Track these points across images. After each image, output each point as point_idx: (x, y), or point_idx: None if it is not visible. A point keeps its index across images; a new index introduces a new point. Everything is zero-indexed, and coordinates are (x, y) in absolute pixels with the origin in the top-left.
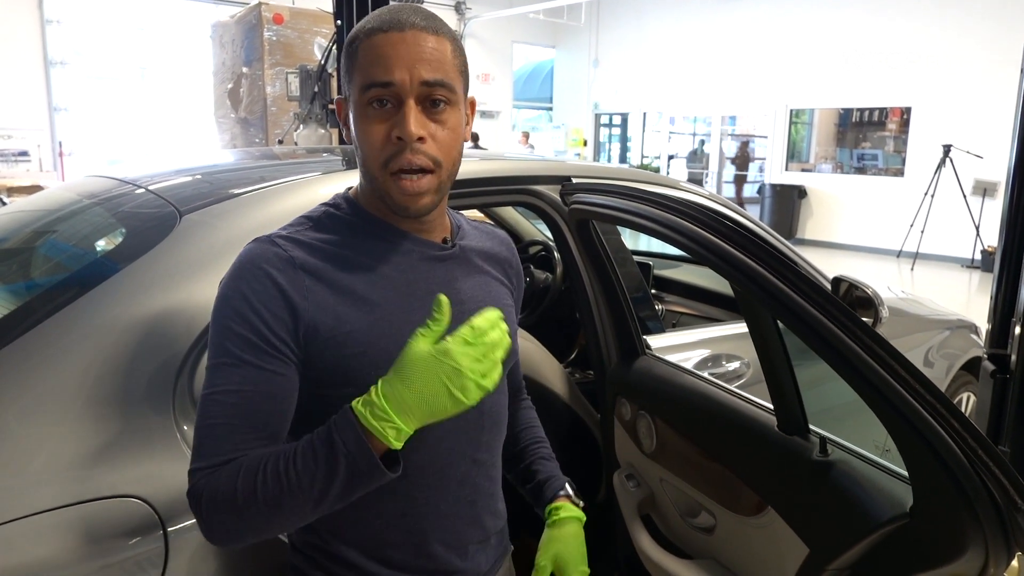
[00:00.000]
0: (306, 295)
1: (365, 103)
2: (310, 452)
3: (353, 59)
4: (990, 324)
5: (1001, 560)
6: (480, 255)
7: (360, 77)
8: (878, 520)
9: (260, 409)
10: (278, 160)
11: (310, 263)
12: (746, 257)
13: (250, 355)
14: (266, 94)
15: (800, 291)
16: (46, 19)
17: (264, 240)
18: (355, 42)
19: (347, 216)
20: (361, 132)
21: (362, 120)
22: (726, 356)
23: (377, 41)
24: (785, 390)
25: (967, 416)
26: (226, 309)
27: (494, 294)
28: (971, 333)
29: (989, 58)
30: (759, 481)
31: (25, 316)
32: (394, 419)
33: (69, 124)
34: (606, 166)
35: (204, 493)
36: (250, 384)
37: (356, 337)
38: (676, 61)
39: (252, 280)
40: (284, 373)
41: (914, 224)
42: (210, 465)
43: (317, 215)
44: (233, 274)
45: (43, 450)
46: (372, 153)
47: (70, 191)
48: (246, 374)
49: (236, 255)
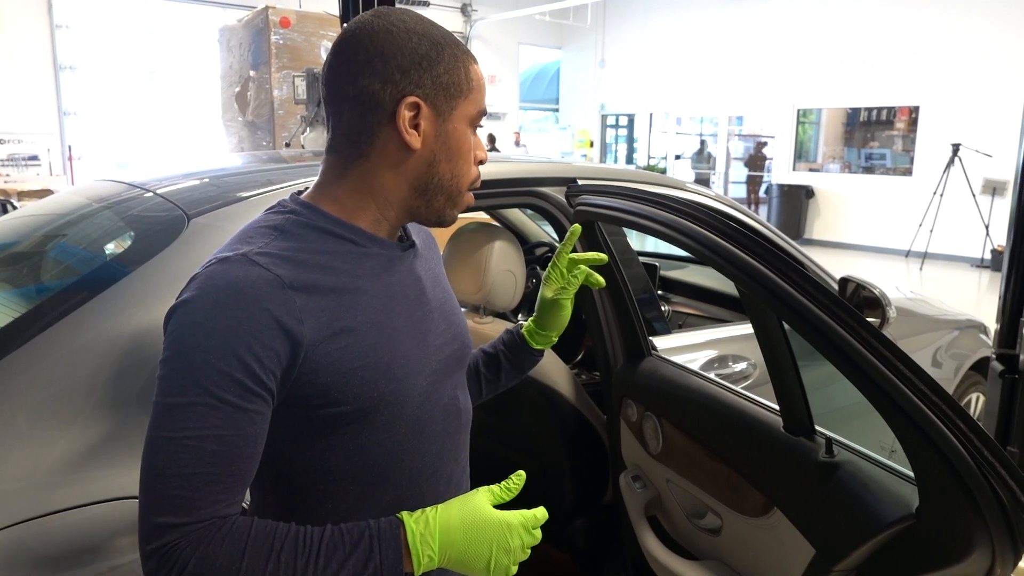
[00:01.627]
0: (300, 317)
1: (473, 126)
2: (338, 552)
3: (465, 75)
4: (998, 324)
5: (1008, 561)
6: (423, 246)
7: (476, 101)
8: (884, 521)
9: (243, 456)
10: (285, 163)
11: (297, 280)
12: (750, 258)
13: (232, 395)
14: (273, 97)
15: (805, 292)
16: (55, 24)
17: (238, 260)
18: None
19: (312, 221)
20: (467, 151)
21: (469, 140)
22: (732, 357)
23: (479, 71)
24: (791, 391)
25: (976, 417)
26: (204, 342)
27: (445, 288)
28: (980, 333)
29: (997, 56)
30: (765, 482)
31: (36, 319)
32: (434, 551)
33: (78, 128)
34: (611, 167)
35: (190, 561)
36: (232, 428)
37: (352, 352)
38: (682, 61)
39: (236, 309)
40: (264, 413)
41: (923, 224)
42: (195, 521)
43: (279, 223)
44: (208, 302)
45: (52, 452)
46: (469, 172)
47: (79, 195)
48: (227, 416)
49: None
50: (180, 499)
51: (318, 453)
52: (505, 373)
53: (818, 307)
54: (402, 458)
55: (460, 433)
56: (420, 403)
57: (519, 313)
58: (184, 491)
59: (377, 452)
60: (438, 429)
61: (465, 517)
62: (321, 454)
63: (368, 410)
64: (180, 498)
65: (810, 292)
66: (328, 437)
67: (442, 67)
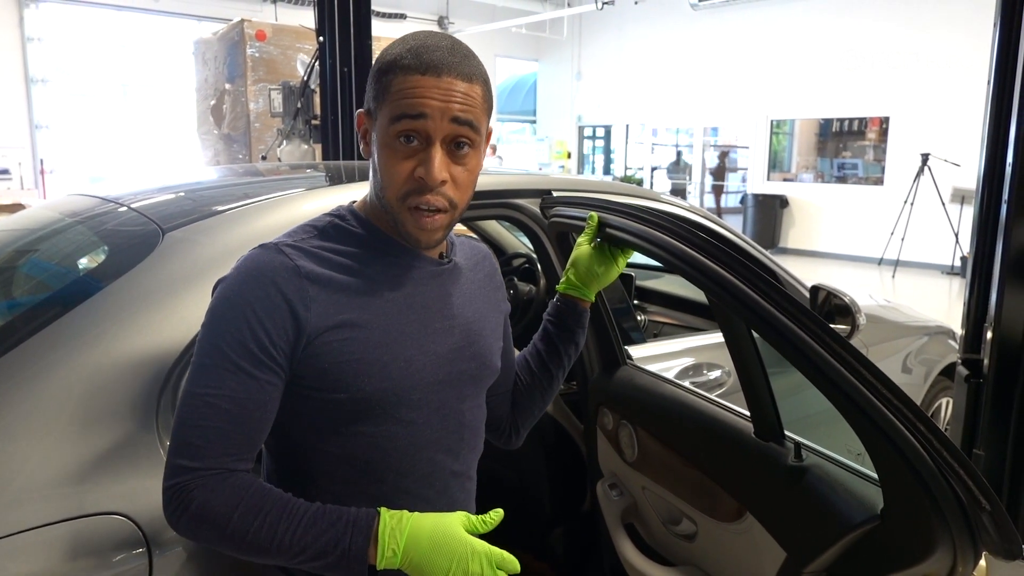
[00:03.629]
0: (308, 305)
1: (393, 136)
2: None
3: (385, 87)
4: (964, 330)
5: (968, 560)
6: (470, 270)
7: (390, 110)
8: (851, 523)
9: (252, 418)
10: (261, 176)
11: (314, 272)
12: (718, 267)
13: (247, 363)
14: (249, 110)
15: (772, 300)
16: (27, 36)
17: (270, 248)
18: (389, 73)
19: (352, 228)
20: (385, 162)
21: (387, 151)
22: (707, 365)
23: (412, 81)
24: (761, 397)
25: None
26: (228, 313)
27: (482, 310)
28: (949, 339)
29: (966, 67)
30: (737, 487)
31: (8, 335)
32: (399, 547)
33: (51, 142)
34: (586, 179)
35: (195, 500)
36: (244, 392)
37: (351, 345)
38: (658, 73)
39: (256, 287)
40: (276, 384)
41: (894, 232)
42: (205, 468)
43: (322, 225)
44: (238, 279)
45: (26, 468)
46: (392, 185)
47: (52, 210)
48: (241, 382)
49: (219, 272)
50: (195, 446)
51: (312, 435)
52: (558, 339)
53: (784, 315)
54: (389, 455)
55: (460, 446)
56: (416, 407)
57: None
58: (199, 440)
59: (366, 443)
60: (432, 436)
61: (436, 529)
62: (315, 436)
63: (360, 401)
64: (195, 445)
65: (776, 300)
66: (323, 421)
67: (376, 81)
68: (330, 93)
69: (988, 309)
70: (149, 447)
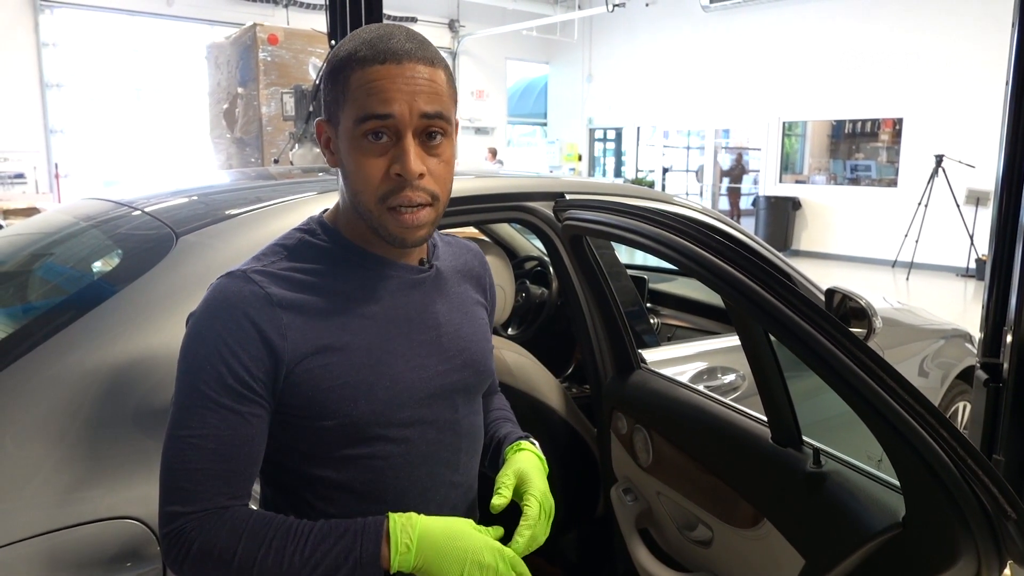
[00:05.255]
0: (284, 333)
1: (360, 135)
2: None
3: (343, 86)
4: (982, 333)
5: (993, 569)
6: (455, 272)
7: (354, 108)
8: (872, 530)
9: (239, 454)
10: (274, 180)
11: (287, 299)
12: (735, 270)
13: (227, 399)
14: (261, 114)
15: (790, 304)
16: (42, 42)
17: (237, 276)
18: (345, 69)
19: (323, 243)
20: (355, 165)
21: (356, 152)
22: (721, 369)
23: (373, 73)
24: (778, 402)
25: (963, 425)
26: (201, 350)
27: (469, 314)
28: (966, 342)
29: (980, 68)
30: (754, 493)
31: (23, 339)
32: (412, 541)
33: (65, 146)
34: (598, 181)
35: (195, 542)
36: (228, 428)
37: (334, 370)
38: (669, 75)
39: (228, 320)
40: (261, 415)
41: (908, 234)
42: (200, 510)
43: (292, 243)
44: (208, 314)
45: (41, 472)
46: (367, 187)
47: (67, 214)
48: (224, 418)
49: None
50: (185, 491)
51: (306, 462)
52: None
53: (803, 319)
54: (386, 475)
55: (458, 456)
56: (408, 424)
57: (508, 326)
58: (189, 484)
59: (362, 467)
60: (428, 451)
61: (447, 526)
62: (309, 464)
63: (348, 426)
64: (185, 490)
65: (795, 304)
66: (315, 448)
67: (330, 85)
68: None
69: (1007, 312)
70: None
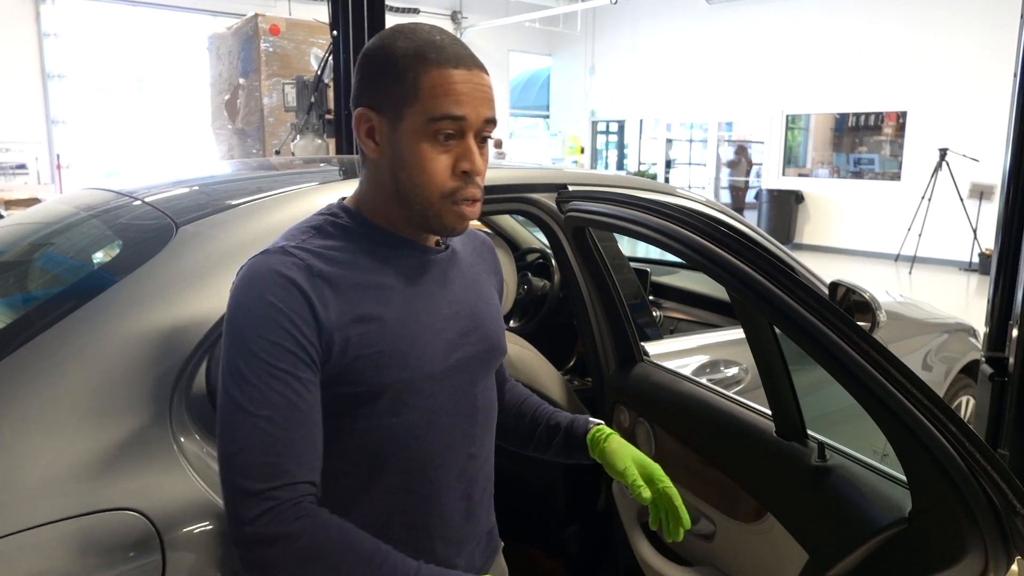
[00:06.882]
0: (325, 303)
1: (430, 133)
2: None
3: (412, 84)
4: (987, 327)
5: (1000, 564)
6: (468, 255)
7: (427, 106)
8: (877, 525)
9: (309, 419)
10: (275, 171)
11: (325, 271)
12: (741, 263)
13: (286, 364)
14: (263, 105)
15: (796, 296)
16: (43, 32)
17: (275, 251)
18: (414, 68)
19: (349, 224)
20: (421, 159)
21: (424, 149)
22: (724, 362)
23: (449, 75)
24: (782, 395)
25: (967, 420)
26: (251, 319)
27: (483, 294)
28: (969, 336)
29: (984, 61)
30: (758, 487)
31: (23, 329)
32: None
33: (67, 136)
34: (601, 173)
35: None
36: (294, 394)
37: (371, 338)
38: (671, 68)
39: (275, 287)
40: (315, 382)
41: (911, 228)
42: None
43: (319, 223)
44: (250, 284)
45: (40, 463)
46: (433, 182)
47: (67, 204)
48: (287, 383)
49: (233, 266)
50: (268, 464)
51: (331, 432)
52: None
53: (808, 311)
54: (409, 444)
55: (474, 429)
56: (431, 394)
57: (510, 319)
58: (270, 456)
59: (384, 435)
60: (448, 423)
61: None
62: (334, 433)
63: (377, 394)
64: (268, 464)
65: (800, 296)
66: (340, 417)
67: (391, 78)
68: (344, 87)
69: (1013, 307)
70: (162, 442)
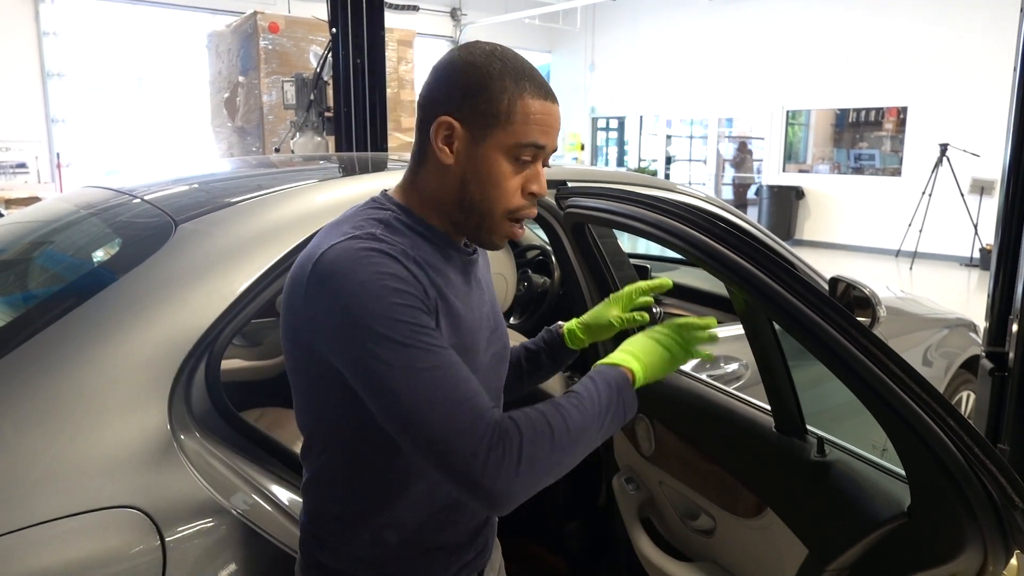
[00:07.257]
0: (425, 286)
1: (513, 155)
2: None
3: (507, 105)
4: (987, 322)
5: (999, 559)
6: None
7: (518, 131)
8: (876, 520)
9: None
10: (275, 168)
11: (418, 258)
12: (741, 258)
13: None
14: (262, 103)
15: (796, 292)
16: (43, 31)
17: (368, 238)
18: (512, 90)
19: (409, 222)
20: (498, 176)
21: (503, 168)
22: (724, 358)
23: (544, 107)
24: (782, 391)
25: (967, 415)
26: (375, 292)
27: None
28: (970, 331)
29: (984, 56)
30: (757, 482)
31: (23, 326)
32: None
33: (67, 135)
34: (601, 169)
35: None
36: (444, 346)
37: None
38: (672, 64)
39: (383, 265)
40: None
41: (912, 223)
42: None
43: (385, 218)
44: (354, 265)
45: (41, 461)
46: (503, 197)
47: (67, 202)
48: (436, 338)
49: (232, 264)
50: (458, 403)
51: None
52: (545, 367)
53: (808, 307)
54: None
55: None
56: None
57: (510, 316)
58: (457, 395)
59: None
60: None
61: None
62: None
63: None
64: (458, 402)
65: (799, 292)
66: None
67: (484, 96)
68: (343, 85)
69: (1013, 301)
70: (162, 440)
